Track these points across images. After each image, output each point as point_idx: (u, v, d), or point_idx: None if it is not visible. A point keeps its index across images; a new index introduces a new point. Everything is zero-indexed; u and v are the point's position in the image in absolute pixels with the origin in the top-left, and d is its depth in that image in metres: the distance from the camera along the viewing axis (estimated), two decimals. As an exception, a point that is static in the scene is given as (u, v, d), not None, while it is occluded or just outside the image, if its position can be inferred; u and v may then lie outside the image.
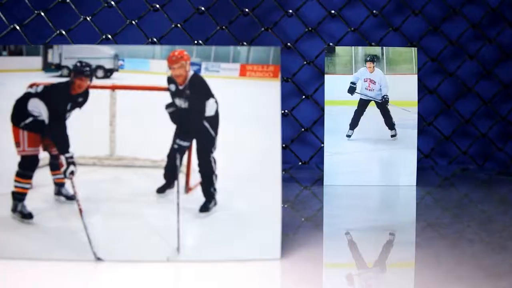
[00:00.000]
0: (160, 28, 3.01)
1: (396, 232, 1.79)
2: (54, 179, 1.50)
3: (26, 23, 2.97)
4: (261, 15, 3.02)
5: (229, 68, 1.46)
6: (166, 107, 1.45)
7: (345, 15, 3.02)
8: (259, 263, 1.43)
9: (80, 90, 1.43)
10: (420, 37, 2.99)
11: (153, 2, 3.00)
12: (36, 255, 1.42)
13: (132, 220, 1.42)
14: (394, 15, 3.03)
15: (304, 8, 3.03)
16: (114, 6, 3.02)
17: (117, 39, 2.97)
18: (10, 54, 1.49)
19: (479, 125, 3.03)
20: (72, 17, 3.01)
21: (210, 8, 3.00)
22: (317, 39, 3.02)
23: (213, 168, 1.45)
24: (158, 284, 1.33)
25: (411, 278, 1.38)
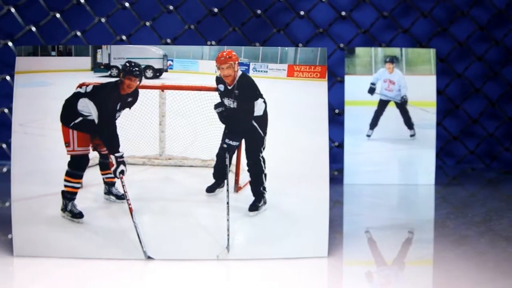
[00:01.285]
0: (172, 29, 2.99)
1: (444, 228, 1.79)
2: (104, 179, 1.48)
3: (42, 24, 2.94)
4: (269, 16, 3.01)
5: (276, 69, 1.46)
6: (215, 107, 1.45)
7: (353, 17, 3.02)
8: (307, 261, 1.41)
9: (129, 90, 1.42)
10: (428, 38, 3.00)
11: (166, 3, 2.97)
12: (86, 254, 1.41)
13: (182, 219, 1.41)
14: (401, 17, 3.04)
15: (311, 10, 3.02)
16: (128, 7, 2.98)
17: (131, 40, 2.95)
18: (59, 54, 1.47)
19: (486, 126, 3.04)
20: (84, 18, 2.98)
21: (222, 9, 2.98)
22: (325, 41, 3.02)
23: (262, 168, 1.44)
24: (208, 282, 1.33)
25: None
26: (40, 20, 2.95)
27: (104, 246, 1.40)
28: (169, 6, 2.95)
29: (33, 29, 2.93)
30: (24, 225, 1.41)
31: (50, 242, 1.41)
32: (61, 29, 2.96)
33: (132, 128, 1.43)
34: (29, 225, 1.41)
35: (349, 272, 1.40)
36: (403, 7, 3.01)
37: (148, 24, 2.95)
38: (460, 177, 2.70)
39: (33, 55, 1.45)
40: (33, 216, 1.42)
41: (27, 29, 2.93)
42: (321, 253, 1.43)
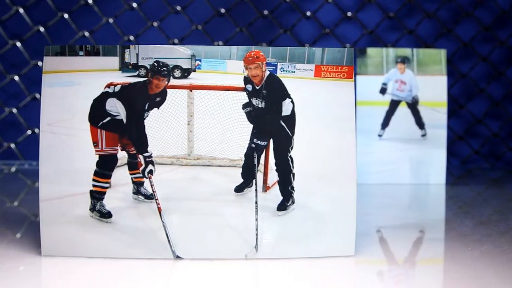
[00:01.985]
0: (177, 29, 2.98)
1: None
2: (132, 178, 1.47)
3: (50, 25, 2.92)
4: (274, 17, 3.00)
5: (304, 69, 1.45)
6: (243, 107, 1.44)
7: (357, 18, 3.02)
8: (334, 260, 1.41)
9: (157, 90, 1.41)
10: (431, 39, 3.00)
11: (173, 4, 2.96)
12: (114, 254, 1.39)
13: (211, 218, 1.40)
14: (405, 18, 3.04)
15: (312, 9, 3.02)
16: (135, 8, 2.97)
17: (138, 41, 2.94)
18: (87, 54, 1.46)
19: (490, 125, 3.05)
20: (92, 18, 2.97)
21: (227, 10, 2.97)
22: (331, 41, 3.01)
23: (291, 167, 1.44)
24: (237, 282, 1.32)
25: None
26: (48, 20, 2.93)
27: (133, 245, 1.39)
28: (177, 7, 2.93)
29: (41, 29, 2.90)
30: (52, 225, 1.40)
31: (78, 242, 1.40)
32: (68, 29, 2.94)
33: (160, 128, 1.42)
34: (57, 225, 1.40)
35: (377, 271, 1.38)
36: (407, 7, 3.01)
37: (155, 25, 2.93)
38: (466, 177, 2.70)
39: (60, 55, 1.43)
40: (61, 216, 1.40)
41: (35, 29, 2.90)
42: (348, 252, 1.42)
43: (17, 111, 2.94)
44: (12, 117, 2.97)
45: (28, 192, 2.32)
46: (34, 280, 1.32)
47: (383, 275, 1.37)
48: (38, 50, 2.82)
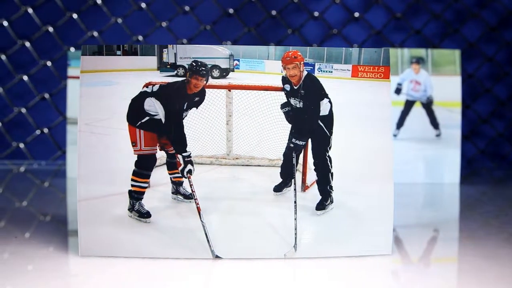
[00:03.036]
0: (187, 29, 2.97)
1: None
2: (171, 178, 1.45)
3: (59, 25, 2.90)
4: (280, 17, 3.00)
5: (341, 69, 1.44)
6: (282, 106, 1.43)
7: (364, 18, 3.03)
8: (372, 259, 1.40)
9: (196, 89, 1.39)
10: (435, 39, 3.00)
11: (182, 4, 2.95)
12: (153, 254, 1.38)
13: (250, 218, 1.39)
14: (409, 18, 3.04)
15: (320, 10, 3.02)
16: (144, 8, 2.95)
17: (146, 41, 2.92)
18: (124, 53, 1.44)
19: (495, 125, 3.06)
20: (100, 19, 2.94)
21: (233, 10, 2.96)
22: (337, 41, 3.01)
23: (329, 167, 1.43)
24: (276, 281, 1.31)
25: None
26: (56, 20, 2.90)
27: (172, 245, 1.37)
28: (185, 7, 2.91)
29: (50, 29, 2.87)
30: (90, 225, 1.38)
31: (116, 242, 1.38)
32: (77, 29, 2.91)
33: (199, 127, 1.41)
34: (95, 225, 1.38)
35: (416, 269, 1.38)
36: (411, 8, 3.01)
37: (164, 25, 2.91)
38: (472, 177, 2.71)
39: (98, 54, 1.41)
40: (99, 216, 1.38)
41: (44, 29, 2.87)
42: (386, 251, 1.41)
43: (26, 111, 2.91)
44: (21, 117, 2.94)
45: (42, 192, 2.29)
46: (72, 280, 1.31)
47: (421, 274, 1.36)
48: (47, 50, 2.80)
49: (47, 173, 2.75)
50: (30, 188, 2.40)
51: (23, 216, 1.88)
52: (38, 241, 1.53)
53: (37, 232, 1.62)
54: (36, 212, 1.93)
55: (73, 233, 1.68)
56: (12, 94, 2.94)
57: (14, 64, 2.92)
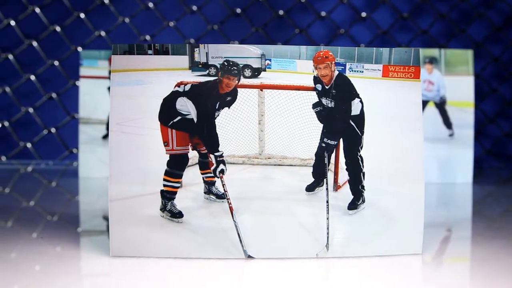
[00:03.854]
0: (195, 29, 2.96)
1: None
2: (204, 178, 1.44)
3: (66, 24, 2.88)
4: (286, 17, 2.99)
5: (372, 69, 1.44)
6: (313, 106, 1.42)
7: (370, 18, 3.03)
8: (403, 258, 1.40)
9: (228, 89, 1.38)
10: (439, 39, 3.01)
11: (189, 4, 2.94)
12: (185, 254, 1.37)
13: (282, 218, 1.38)
14: (415, 18, 3.05)
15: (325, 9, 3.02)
16: (151, 8, 2.94)
17: (154, 40, 2.91)
18: (155, 53, 1.43)
19: (500, 125, 3.07)
20: (108, 18, 2.93)
21: (239, 10, 2.96)
22: (343, 41, 3.01)
23: (361, 166, 1.42)
24: (308, 281, 1.30)
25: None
26: (64, 20, 2.88)
27: (204, 245, 1.36)
28: (193, 7, 2.90)
29: (57, 29, 2.86)
30: (121, 225, 1.36)
31: (148, 242, 1.37)
32: (84, 29, 2.90)
33: (231, 127, 1.40)
34: (127, 225, 1.37)
35: (448, 268, 1.38)
36: (416, 8, 3.02)
37: (172, 24, 2.90)
38: (479, 176, 2.71)
39: (128, 53, 1.40)
40: (131, 216, 1.37)
41: (52, 29, 2.86)
42: (416, 250, 1.41)
43: (33, 111, 2.89)
44: (28, 116, 2.92)
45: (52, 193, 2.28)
46: (105, 280, 1.31)
47: (452, 273, 1.36)
48: (54, 49, 2.78)
49: (55, 173, 2.74)
50: (37, 188, 2.38)
51: (34, 216, 1.87)
52: (61, 242, 1.52)
53: (54, 233, 1.61)
54: (47, 212, 1.91)
55: (93, 233, 1.67)
56: (19, 94, 2.92)
57: (21, 64, 2.89)
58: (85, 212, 1.95)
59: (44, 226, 1.70)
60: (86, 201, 2.21)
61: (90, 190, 2.35)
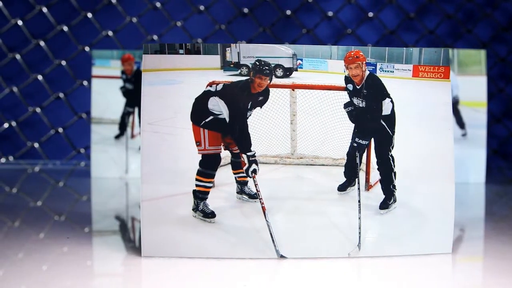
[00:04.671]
0: (202, 29, 2.95)
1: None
2: (236, 178, 1.44)
3: (73, 24, 2.87)
4: (292, 17, 3.00)
5: (402, 69, 1.44)
6: (345, 106, 1.42)
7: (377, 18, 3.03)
8: (433, 257, 1.40)
9: (260, 89, 1.38)
10: (444, 39, 3.02)
11: (197, 4, 2.93)
12: (218, 254, 1.36)
13: (314, 217, 1.38)
14: (420, 18, 3.06)
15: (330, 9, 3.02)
16: (159, 7, 2.93)
17: (161, 40, 2.90)
18: (187, 52, 1.43)
19: (508, 126, 3.08)
20: (115, 18, 2.92)
21: (246, 10, 2.96)
22: (348, 41, 3.02)
23: (392, 166, 1.43)
24: (340, 280, 1.30)
25: None
26: (71, 19, 2.87)
27: (237, 245, 1.36)
28: (200, 6, 2.90)
29: (64, 28, 2.85)
30: (153, 226, 1.36)
31: (180, 242, 1.36)
32: (92, 29, 2.89)
33: (263, 127, 1.39)
34: (159, 225, 1.36)
35: (478, 267, 1.38)
36: (422, 8, 3.03)
37: (179, 24, 2.90)
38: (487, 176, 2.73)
39: (159, 52, 1.39)
40: (163, 216, 1.37)
41: (59, 28, 2.84)
42: (446, 249, 1.41)
43: (40, 111, 2.88)
44: (35, 116, 2.90)
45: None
46: (136, 281, 1.30)
47: (483, 271, 1.37)
48: (62, 49, 2.77)
49: (62, 172, 2.72)
50: (44, 187, 2.37)
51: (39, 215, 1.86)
52: (86, 242, 1.52)
53: (80, 234, 1.60)
54: (60, 211, 1.91)
55: (114, 233, 1.67)
56: (26, 94, 2.90)
57: (28, 64, 2.88)
58: (96, 213, 1.94)
59: (71, 233, 1.69)
60: (99, 201, 2.20)
61: (102, 190, 2.34)
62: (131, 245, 1.48)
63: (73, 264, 1.33)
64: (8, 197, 2.16)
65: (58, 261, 1.35)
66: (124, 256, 1.39)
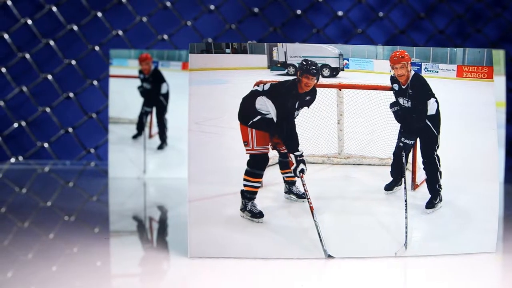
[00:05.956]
0: (213, 28, 2.95)
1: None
2: (284, 178, 1.43)
3: (83, 23, 2.86)
4: (300, 16, 3.00)
5: (446, 69, 1.45)
6: (391, 106, 1.43)
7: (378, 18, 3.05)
8: (478, 256, 1.41)
9: (307, 88, 1.38)
10: (451, 39, 3.05)
11: (207, 3, 2.93)
12: (265, 254, 1.36)
13: (362, 217, 1.38)
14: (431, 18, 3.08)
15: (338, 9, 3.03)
16: (169, 7, 2.93)
17: (172, 40, 2.90)
18: (233, 52, 1.43)
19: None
20: (125, 17, 2.91)
21: (256, 9, 2.96)
22: (356, 41, 3.04)
23: (437, 166, 1.43)
24: (387, 280, 1.31)
25: None
26: (81, 19, 2.86)
27: (284, 245, 1.36)
28: (210, 6, 2.90)
29: (74, 28, 2.83)
30: (200, 226, 1.35)
31: (228, 243, 1.36)
32: (102, 28, 2.88)
33: (310, 126, 1.39)
34: (206, 226, 1.35)
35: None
36: (428, 8, 3.05)
37: (189, 24, 2.90)
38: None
39: (206, 52, 1.39)
40: (210, 217, 1.36)
41: (69, 28, 2.83)
42: (490, 248, 1.42)
43: (50, 110, 2.86)
44: (44, 115, 2.89)
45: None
46: (184, 282, 1.30)
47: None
48: (71, 48, 2.75)
49: (72, 173, 2.71)
50: (54, 188, 2.35)
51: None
52: (133, 242, 1.51)
53: (123, 235, 1.60)
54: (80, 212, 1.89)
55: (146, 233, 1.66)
56: (36, 94, 2.88)
57: (38, 63, 2.86)
58: (113, 214, 1.93)
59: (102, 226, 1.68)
60: (117, 201, 2.19)
61: (119, 190, 2.33)
62: (176, 247, 1.46)
63: (120, 266, 1.32)
64: (17, 197, 2.14)
65: (120, 261, 1.34)
66: (170, 257, 1.38)
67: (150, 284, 1.24)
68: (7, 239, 1.53)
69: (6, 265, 1.31)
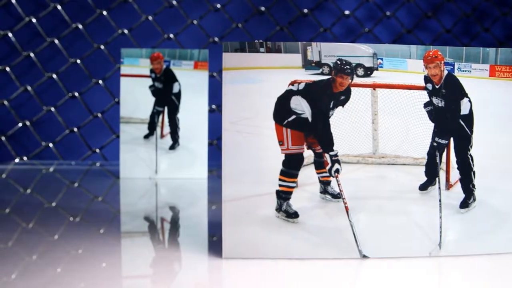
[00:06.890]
0: (219, 27, 2.95)
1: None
2: (319, 178, 1.44)
3: (88, 22, 2.84)
4: (304, 16, 3.01)
5: (479, 69, 1.46)
6: (424, 105, 1.43)
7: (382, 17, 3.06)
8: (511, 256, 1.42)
9: (341, 88, 1.38)
10: (458, 38, 3.07)
11: (213, 2, 2.93)
12: (300, 255, 1.36)
13: (397, 217, 1.39)
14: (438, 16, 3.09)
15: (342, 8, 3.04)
16: (175, 5, 2.92)
17: (178, 39, 2.90)
18: (267, 51, 1.43)
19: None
20: (131, 16, 2.91)
21: (263, 8, 2.96)
22: (363, 40, 3.05)
23: (471, 165, 1.44)
24: (422, 280, 1.31)
25: None
26: (86, 18, 2.85)
27: (320, 245, 1.36)
28: (217, 5, 2.90)
29: (79, 26, 2.82)
30: (235, 226, 1.35)
31: (263, 243, 1.36)
32: (107, 27, 2.87)
33: (345, 126, 1.40)
34: (241, 226, 1.35)
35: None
36: (434, 8, 3.07)
37: (195, 22, 2.89)
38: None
39: (240, 51, 1.39)
40: (245, 217, 1.36)
41: (74, 27, 2.82)
42: (524, 248, 1.43)
43: (55, 110, 2.84)
44: (49, 115, 2.87)
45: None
46: (219, 283, 1.31)
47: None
48: (76, 47, 2.74)
49: (77, 173, 2.70)
50: (59, 188, 2.34)
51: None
52: (160, 243, 1.52)
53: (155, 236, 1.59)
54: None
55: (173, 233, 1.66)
56: (41, 93, 2.86)
57: (42, 62, 2.84)
58: (126, 214, 1.93)
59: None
60: (129, 201, 2.19)
61: (131, 191, 2.32)
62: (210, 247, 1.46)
63: (149, 266, 1.32)
64: (22, 197, 2.13)
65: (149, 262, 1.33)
66: (203, 258, 1.37)
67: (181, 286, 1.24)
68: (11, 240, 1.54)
69: (10, 266, 1.31)
